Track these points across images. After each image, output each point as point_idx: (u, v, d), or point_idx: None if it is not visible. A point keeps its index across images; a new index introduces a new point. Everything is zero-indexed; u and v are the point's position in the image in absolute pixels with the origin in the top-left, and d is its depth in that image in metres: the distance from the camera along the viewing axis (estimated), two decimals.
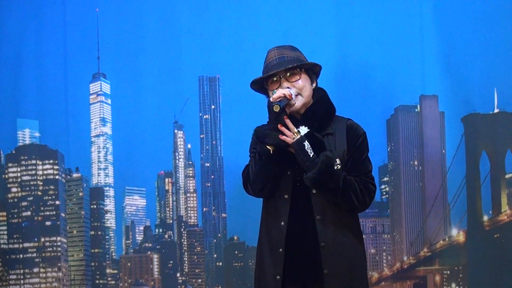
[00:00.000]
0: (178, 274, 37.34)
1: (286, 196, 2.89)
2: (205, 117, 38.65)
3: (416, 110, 34.75)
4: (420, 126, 33.99)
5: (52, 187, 33.12)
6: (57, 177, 32.91)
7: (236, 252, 37.60)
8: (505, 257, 25.75)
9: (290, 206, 2.90)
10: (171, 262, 37.59)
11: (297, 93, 2.95)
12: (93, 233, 36.72)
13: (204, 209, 39.38)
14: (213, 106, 38.41)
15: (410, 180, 34.69)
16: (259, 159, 2.90)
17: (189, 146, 39.16)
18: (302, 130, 2.89)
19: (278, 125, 2.88)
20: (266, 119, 3.01)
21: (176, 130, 40.09)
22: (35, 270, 32.37)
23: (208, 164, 38.54)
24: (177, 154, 39.65)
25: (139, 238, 39.83)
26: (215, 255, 39.05)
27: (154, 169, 39.05)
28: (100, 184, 38.85)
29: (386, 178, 37.47)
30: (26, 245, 32.70)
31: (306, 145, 2.84)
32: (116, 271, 37.58)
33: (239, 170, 3.16)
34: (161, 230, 39.13)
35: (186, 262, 38.35)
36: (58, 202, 32.79)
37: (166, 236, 38.71)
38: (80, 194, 35.32)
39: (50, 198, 32.94)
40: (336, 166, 2.98)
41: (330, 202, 2.90)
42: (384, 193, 38.01)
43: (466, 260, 30.13)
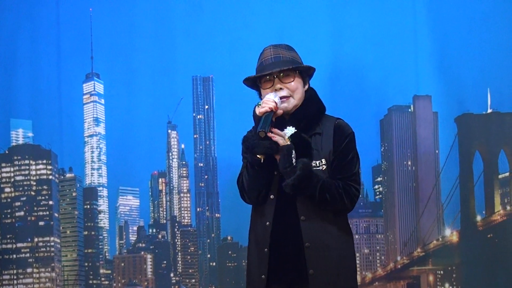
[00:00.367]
0: (172, 274, 37.32)
1: (272, 196, 2.90)
2: (198, 117, 38.62)
3: (409, 110, 34.78)
4: (413, 126, 34.02)
5: (45, 187, 33.07)
6: (50, 177, 32.87)
7: (229, 252, 37.58)
8: (498, 257, 25.79)
9: (276, 207, 2.91)
10: (165, 262, 37.56)
11: (289, 94, 2.95)
12: (86, 233, 36.68)
13: (197, 209, 39.36)
14: (206, 106, 38.38)
15: (403, 180, 34.72)
16: (251, 168, 2.90)
17: (182, 146, 39.15)
18: (289, 130, 2.90)
19: (268, 133, 2.88)
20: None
21: (169, 130, 40.06)
22: (29, 270, 32.33)
23: (201, 164, 38.52)
24: (170, 154, 39.62)
25: (133, 238, 39.79)
26: (209, 255, 39.02)
27: (147, 169, 39.02)
28: (93, 184, 38.81)
29: (379, 178, 37.51)
30: (19, 245, 32.66)
31: (293, 153, 2.86)
32: (109, 271, 37.53)
33: (233, 170, 3.18)
34: (154, 230, 39.11)
35: (180, 262, 38.33)
36: (51, 202, 32.74)
37: (160, 236, 38.68)
38: (73, 194, 35.27)
39: (43, 198, 32.90)
40: (321, 167, 2.99)
41: (315, 203, 2.92)
42: (377, 193, 38.05)
43: (459, 260, 30.18)
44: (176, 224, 39.40)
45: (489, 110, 29.28)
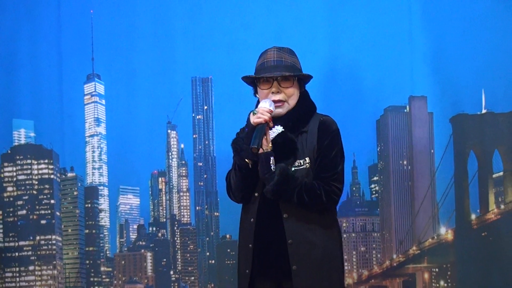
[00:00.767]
0: (172, 272, 37.29)
1: (256, 194, 2.92)
2: (198, 117, 38.63)
3: (405, 110, 34.80)
4: (409, 126, 34.04)
5: (47, 186, 33.06)
6: (52, 176, 32.85)
7: (228, 250, 37.58)
8: (492, 255, 25.79)
9: (259, 204, 2.92)
10: (165, 260, 37.54)
11: (285, 99, 2.95)
12: (87, 231, 36.67)
13: (197, 208, 39.36)
14: (205, 107, 38.39)
15: (399, 179, 34.73)
16: (239, 171, 2.92)
17: (182, 146, 39.15)
18: (277, 129, 2.90)
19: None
20: None
21: (169, 130, 40.06)
22: (31, 268, 32.29)
23: (200, 163, 38.52)
24: (170, 153, 39.62)
25: (133, 236, 39.77)
26: (208, 253, 39.01)
27: (147, 168, 39.01)
28: (94, 183, 38.79)
29: (375, 178, 37.50)
30: (21, 243, 32.62)
31: (271, 159, 2.86)
32: (110, 269, 37.51)
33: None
34: (154, 228, 39.08)
35: (179, 260, 38.31)
36: (53, 201, 32.72)
37: (160, 234, 38.66)
38: (74, 193, 35.26)
39: (45, 197, 32.88)
40: (305, 165, 2.99)
41: None
42: (374, 192, 38.04)
43: (454, 258, 30.17)
44: (175, 222, 39.38)
45: (483, 111, 29.29)
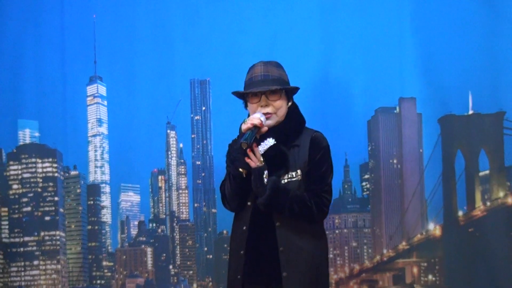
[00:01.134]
0: (171, 266, 37.25)
1: (249, 203, 2.91)
2: (196, 118, 38.59)
3: (395, 111, 34.79)
4: (399, 127, 34.04)
5: (51, 184, 32.99)
6: (56, 174, 32.79)
7: (225, 245, 37.53)
8: (478, 250, 25.80)
9: (252, 213, 2.92)
10: (164, 255, 37.49)
11: (273, 111, 2.95)
12: (90, 227, 36.60)
13: (195, 204, 39.32)
14: (203, 108, 38.35)
15: (389, 177, 34.72)
16: (234, 181, 2.92)
17: (181, 145, 39.10)
18: (269, 142, 2.90)
19: (247, 150, 2.90)
20: None
21: (168, 130, 40.01)
22: (35, 262, 32.23)
23: (199, 162, 38.48)
24: (169, 153, 39.57)
25: (134, 232, 39.71)
26: (206, 248, 38.97)
27: (148, 167, 38.94)
28: (96, 181, 38.73)
29: (367, 176, 37.48)
30: (26, 239, 32.56)
31: (265, 173, 2.87)
32: (112, 264, 37.45)
33: None
34: (154, 224, 39.04)
35: (178, 255, 38.26)
36: (57, 198, 32.67)
37: (159, 230, 38.61)
38: (77, 190, 35.20)
39: (49, 194, 32.81)
40: (297, 177, 3.00)
41: None
42: (365, 189, 38.02)
43: (442, 253, 30.18)
44: (175, 219, 39.33)
45: (470, 112, 29.30)
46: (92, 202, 36.43)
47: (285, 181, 2.88)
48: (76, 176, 35.14)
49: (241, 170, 2.86)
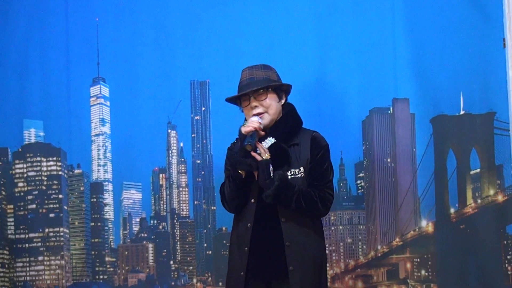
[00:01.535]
0: (171, 262, 37.07)
1: (252, 200, 2.90)
2: (196, 118, 38.42)
3: (389, 112, 34.64)
4: (392, 127, 33.90)
5: (55, 182, 32.80)
6: (60, 173, 32.61)
7: (224, 241, 37.32)
8: (469, 246, 25.69)
9: (256, 210, 2.91)
10: (165, 251, 37.32)
11: (264, 110, 2.95)
12: (93, 224, 36.40)
13: (195, 202, 39.08)
14: (203, 108, 38.21)
15: (383, 175, 34.58)
16: (233, 182, 2.91)
17: (181, 144, 38.89)
18: (269, 141, 2.91)
19: (251, 152, 2.89)
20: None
21: (169, 130, 39.80)
22: (40, 258, 32.04)
23: (199, 161, 38.31)
24: (170, 152, 39.38)
25: (136, 229, 39.51)
26: (205, 245, 38.80)
27: (149, 165, 38.62)
28: (99, 179, 38.51)
29: (361, 174, 37.31)
30: (31, 235, 32.38)
31: (271, 166, 2.86)
32: (114, 259, 37.24)
33: None
34: (155, 221, 38.84)
35: (179, 251, 38.10)
36: (61, 196, 32.47)
37: (160, 227, 38.41)
38: (81, 188, 34.99)
39: (53, 192, 32.63)
40: (300, 174, 3.00)
41: None
42: (359, 187, 37.85)
43: (434, 249, 30.00)
44: (175, 216, 39.16)
45: (461, 112, 29.12)
46: (95, 200, 36.20)
47: (289, 177, 2.89)
48: (79, 174, 34.93)
49: (240, 172, 2.86)
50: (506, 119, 5.50)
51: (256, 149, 2.85)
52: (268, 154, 2.85)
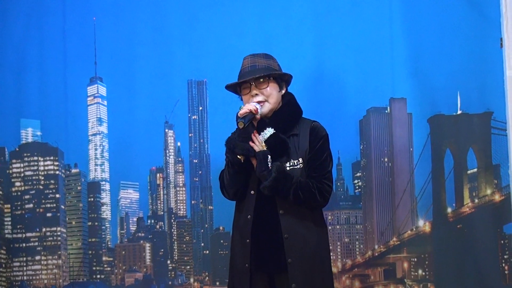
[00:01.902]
0: (169, 261, 36.98)
1: (252, 192, 2.94)
2: (193, 117, 38.34)
3: (386, 111, 34.54)
4: (390, 126, 33.82)
5: (52, 182, 32.74)
6: (57, 172, 32.55)
7: (221, 241, 37.26)
8: (466, 245, 25.67)
9: (256, 201, 2.94)
10: (162, 250, 37.22)
11: (264, 99, 2.98)
12: (90, 224, 36.31)
13: (192, 201, 39.01)
14: (200, 108, 38.12)
15: (380, 175, 34.51)
16: (232, 168, 2.94)
17: (178, 144, 38.80)
18: (268, 131, 2.93)
19: (252, 135, 2.91)
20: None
21: (166, 130, 39.71)
22: (37, 257, 31.98)
23: (196, 160, 38.22)
24: (167, 151, 39.30)
25: (133, 228, 39.40)
26: (202, 244, 38.69)
27: (146, 165, 38.50)
28: (97, 179, 38.41)
29: (358, 174, 37.24)
30: (28, 234, 32.31)
31: (269, 157, 2.89)
32: (111, 259, 37.14)
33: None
34: (153, 221, 38.73)
35: (176, 250, 37.99)
36: (58, 195, 32.41)
37: (158, 226, 38.33)
38: (78, 188, 34.93)
39: (50, 191, 32.57)
40: (299, 165, 3.01)
41: None
42: (357, 187, 37.75)
43: (431, 248, 29.98)
44: (172, 215, 39.06)
45: (458, 112, 29.09)
46: (92, 199, 36.11)
47: (287, 168, 2.91)
48: (77, 174, 34.86)
49: (239, 156, 2.88)
50: (503, 119, 5.50)
51: (249, 128, 2.87)
52: (264, 145, 2.87)
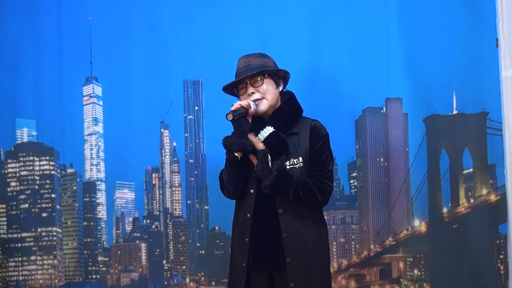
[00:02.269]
0: (164, 262, 37.00)
1: (252, 191, 2.93)
2: (189, 117, 38.35)
3: (382, 111, 34.58)
4: (385, 126, 33.84)
5: (48, 182, 32.75)
6: (53, 172, 32.54)
7: (217, 241, 37.30)
8: (462, 245, 25.70)
9: (256, 200, 2.94)
10: (158, 250, 37.24)
11: (261, 96, 2.97)
12: (86, 224, 36.32)
13: (188, 201, 39.02)
14: (196, 108, 38.14)
15: (376, 175, 34.55)
16: (230, 166, 2.93)
17: (174, 144, 38.80)
18: (268, 130, 2.92)
19: (245, 137, 2.91)
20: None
21: (162, 129, 39.71)
22: (32, 258, 31.98)
23: (191, 160, 38.25)
24: (163, 151, 39.30)
25: (128, 228, 39.42)
26: (198, 244, 38.71)
27: (142, 165, 38.51)
28: (92, 178, 38.41)
29: (354, 174, 37.25)
30: (24, 234, 32.30)
31: (269, 156, 2.88)
32: (107, 259, 37.15)
33: (220, 166, 3.17)
34: (148, 221, 38.74)
35: (172, 250, 38.01)
36: (53, 195, 32.40)
37: (153, 226, 38.35)
38: (74, 188, 34.92)
39: (46, 191, 32.56)
40: (298, 164, 2.99)
41: None
42: (353, 187, 37.78)
43: (427, 248, 30.00)
44: (168, 215, 39.09)
45: (454, 112, 29.13)
46: (88, 199, 36.12)
47: (287, 167, 2.90)
48: (72, 174, 34.84)
49: (236, 154, 2.88)
50: (499, 119, 5.50)
51: (243, 123, 2.86)
52: (262, 145, 2.86)
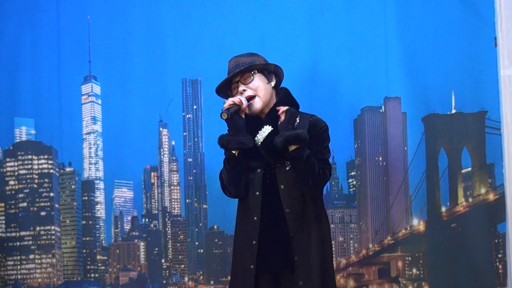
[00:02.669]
0: (163, 260, 36.91)
1: (257, 193, 2.93)
2: (187, 116, 38.26)
3: (380, 110, 34.53)
4: (384, 125, 33.79)
5: (46, 180, 32.63)
6: (51, 171, 32.44)
7: (216, 240, 37.23)
8: (461, 244, 25.69)
9: (262, 202, 2.93)
10: (157, 249, 37.15)
11: (253, 93, 2.98)
12: (84, 222, 36.21)
13: (186, 200, 38.91)
14: (195, 106, 38.06)
15: (375, 174, 34.50)
16: (228, 164, 2.94)
17: (173, 143, 38.71)
18: (266, 129, 2.93)
19: (241, 134, 2.91)
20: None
21: (161, 128, 39.61)
22: (31, 256, 31.88)
23: (190, 159, 38.17)
24: (162, 150, 39.21)
25: (127, 227, 39.32)
26: (197, 243, 38.64)
27: (140, 163, 38.40)
28: (91, 177, 38.30)
29: (353, 173, 37.23)
30: (22, 233, 32.22)
31: (297, 120, 2.90)
32: (105, 258, 37.04)
33: (219, 165, 3.18)
34: (147, 220, 38.63)
35: (170, 249, 37.92)
36: (52, 194, 32.30)
37: (152, 225, 38.26)
38: (72, 186, 34.81)
39: (45, 190, 32.46)
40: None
41: (296, 197, 2.94)
42: (351, 186, 37.73)
43: (426, 247, 29.99)
44: (167, 214, 38.99)
45: (453, 111, 29.11)
46: (86, 198, 35.99)
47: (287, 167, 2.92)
48: (71, 172, 34.73)
49: (233, 151, 2.88)
50: (497, 118, 5.51)
51: (237, 120, 2.86)
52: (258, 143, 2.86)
